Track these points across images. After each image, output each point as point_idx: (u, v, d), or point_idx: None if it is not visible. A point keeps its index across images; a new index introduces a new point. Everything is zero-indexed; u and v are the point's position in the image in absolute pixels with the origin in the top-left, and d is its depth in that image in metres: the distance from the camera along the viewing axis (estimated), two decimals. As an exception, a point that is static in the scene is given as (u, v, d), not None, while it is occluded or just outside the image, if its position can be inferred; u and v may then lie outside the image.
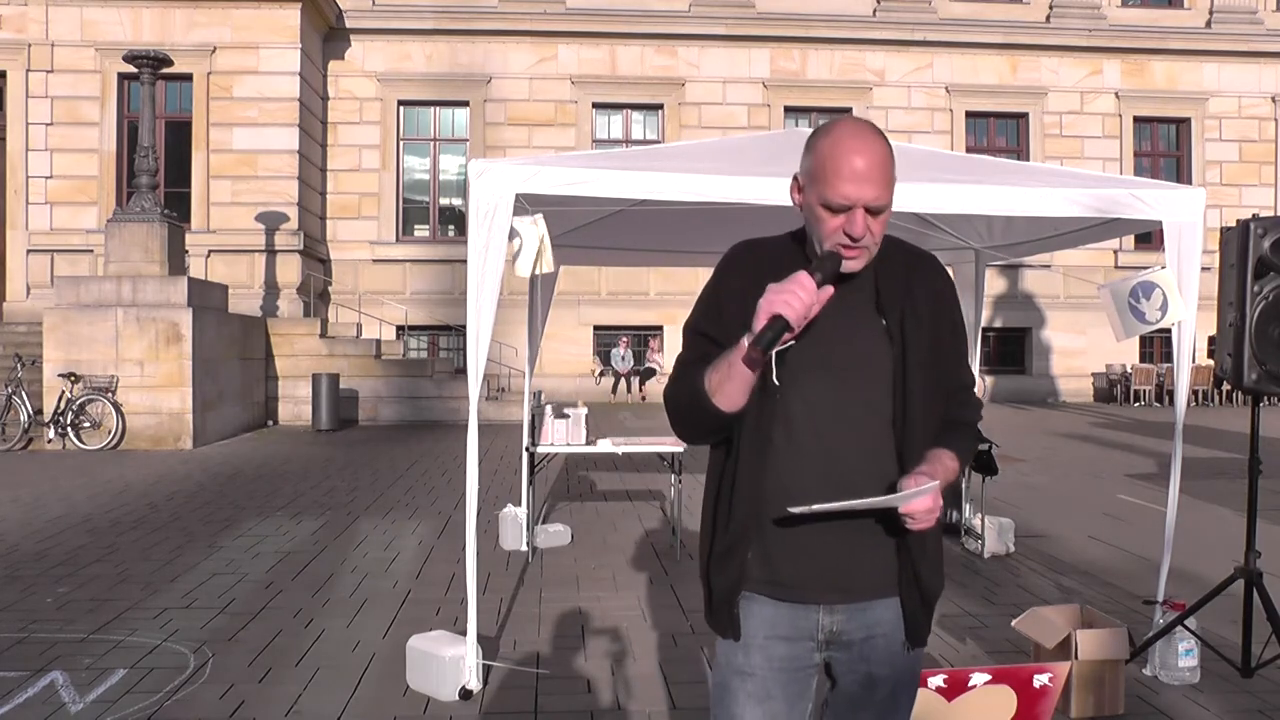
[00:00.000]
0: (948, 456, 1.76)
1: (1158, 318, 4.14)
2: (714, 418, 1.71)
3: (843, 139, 1.66)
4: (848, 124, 1.69)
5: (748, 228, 5.44)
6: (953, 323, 1.83)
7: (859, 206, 1.64)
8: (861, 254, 1.69)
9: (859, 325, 1.74)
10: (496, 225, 3.86)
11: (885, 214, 1.69)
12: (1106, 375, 20.14)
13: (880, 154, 1.65)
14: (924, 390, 1.74)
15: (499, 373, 17.47)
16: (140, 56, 12.82)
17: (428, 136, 19.54)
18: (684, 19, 19.41)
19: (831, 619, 1.77)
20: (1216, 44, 20.36)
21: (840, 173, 1.63)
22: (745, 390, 1.67)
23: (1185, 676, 3.91)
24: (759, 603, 1.78)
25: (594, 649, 4.37)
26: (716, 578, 1.80)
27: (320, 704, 3.72)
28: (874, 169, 1.64)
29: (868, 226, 1.66)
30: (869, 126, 1.69)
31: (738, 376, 1.64)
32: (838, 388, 1.72)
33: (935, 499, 1.66)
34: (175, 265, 12.98)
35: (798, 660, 1.78)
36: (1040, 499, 8.42)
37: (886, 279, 1.77)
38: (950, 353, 1.82)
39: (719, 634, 1.83)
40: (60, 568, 5.87)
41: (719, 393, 1.67)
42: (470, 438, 4.05)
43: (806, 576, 1.74)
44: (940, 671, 3.23)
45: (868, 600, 1.77)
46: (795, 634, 1.77)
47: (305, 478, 9.63)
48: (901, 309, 1.75)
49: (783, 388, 1.70)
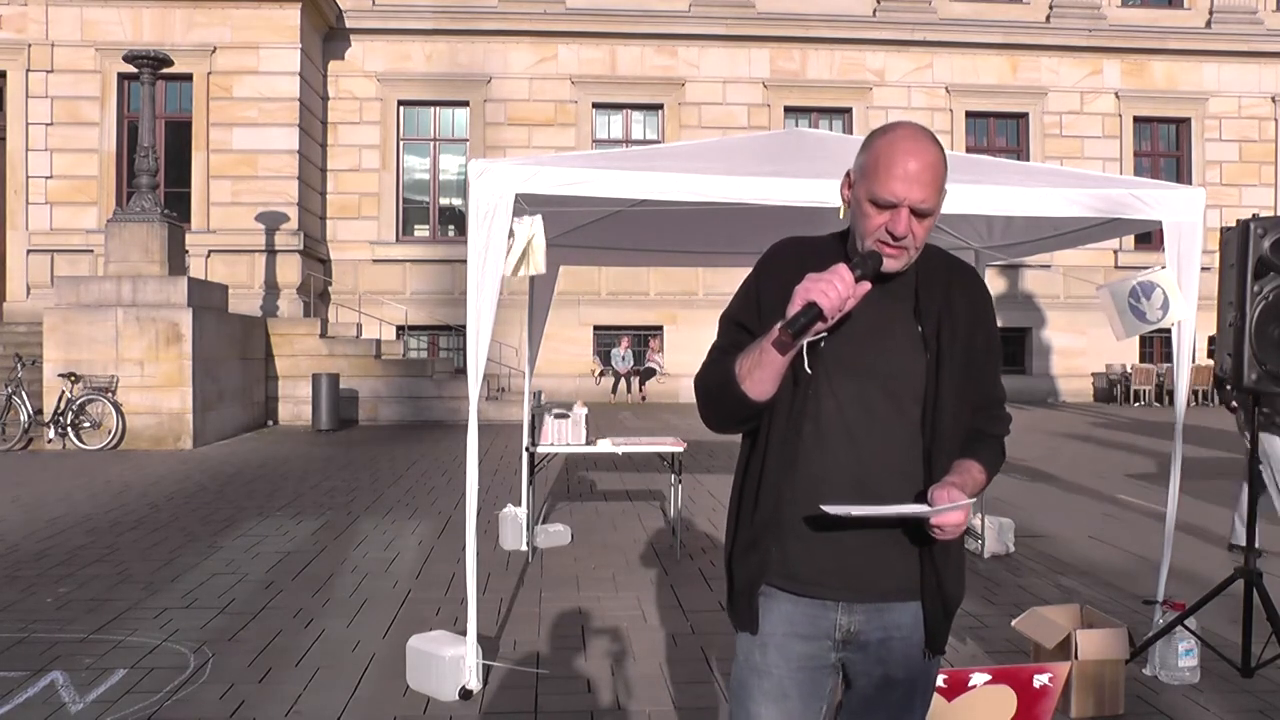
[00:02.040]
0: (976, 469, 1.78)
1: (1158, 317, 4.14)
2: (742, 405, 1.72)
3: (899, 140, 1.70)
4: (907, 127, 1.74)
5: (747, 228, 5.44)
6: (988, 336, 1.84)
7: (905, 205, 1.68)
8: (902, 254, 1.72)
9: (896, 330, 1.76)
10: (496, 225, 3.86)
11: (930, 219, 1.71)
12: (1106, 375, 20.14)
13: (933, 159, 1.69)
14: (954, 399, 1.76)
15: (499, 373, 17.47)
16: (140, 56, 12.82)
17: (428, 136, 19.54)
18: (684, 19, 19.41)
19: (849, 618, 1.77)
20: (1216, 44, 20.37)
21: (892, 171, 1.67)
22: (775, 378, 1.69)
23: (1185, 676, 3.91)
24: (778, 599, 1.79)
25: (594, 649, 4.37)
26: (739, 568, 1.81)
27: (320, 704, 3.71)
28: (925, 171, 1.68)
29: (910, 227, 1.69)
30: (927, 133, 1.73)
31: (768, 363, 1.66)
32: (870, 389, 1.74)
33: (967, 514, 1.68)
34: (175, 265, 12.98)
35: (814, 659, 1.79)
36: (1040, 499, 8.42)
37: (926, 287, 1.79)
38: (983, 365, 1.83)
39: (738, 627, 1.84)
40: (60, 568, 5.87)
41: (749, 379, 1.69)
42: (470, 438, 4.05)
43: (826, 573, 1.76)
44: (940, 671, 3.22)
45: (887, 602, 1.78)
46: (813, 632, 1.78)
47: (305, 478, 9.63)
48: (939, 318, 1.77)
49: (815, 385, 1.72)
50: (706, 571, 5.80)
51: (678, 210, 4.88)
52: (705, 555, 6.25)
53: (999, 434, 1.89)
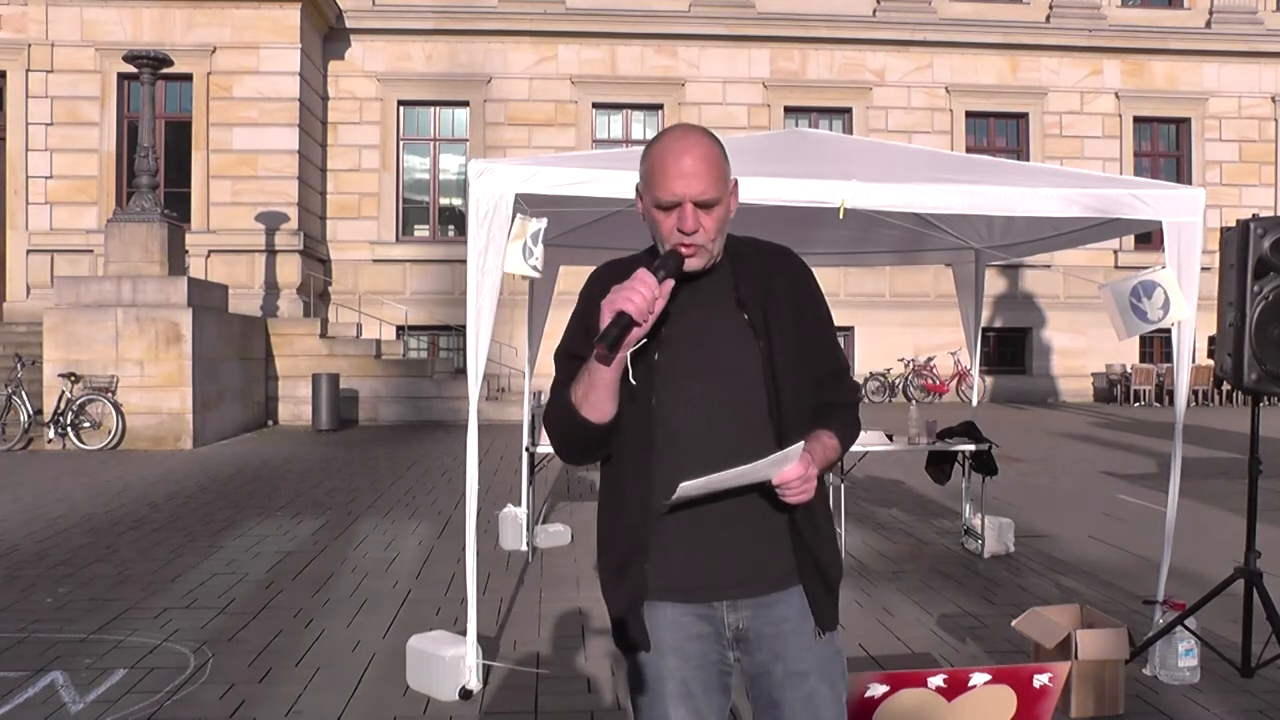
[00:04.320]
0: (826, 435, 1.81)
1: (1160, 316, 4.14)
2: (586, 432, 1.74)
3: (669, 142, 1.74)
4: (677, 129, 1.77)
5: (747, 228, 5.44)
6: (816, 309, 1.88)
7: (687, 201, 1.70)
8: (699, 251, 1.74)
9: (724, 325, 1.78)
10: (496, 225, 3.86)
11: (718, 209, 1.74)
12: (1106, 375, 20.13)
13: (705, 151, 1.72)
14: (795, 379, 1.78)
15: (499, 373, 17.46)
16: (140, 56, 12.82)
17: (428, 136, 19.54)
18: (684, 19, 19.40)
19: (737, 615, 1.79)
20: (1216, 44, 20.37)
21: (667, 172, 1.71)
22: (609, 397, 1.70)
23: (1185, 676, 3.91)
24: (663, 609, 1.79)
25: (594, 649, 4.37)
26: (617, 592, 1.81)
27: (320, 704, 3.72)
28: (698, 164, 1.70)
29: (699, 221, 1.71)
30: (696, 129, 1.76)
31: (598, 382, 1.68)
32: (711, 386, 1.76)
33: (806, 466, 1.68)
34: (175, 265, 12.99)
35: (711, 658, 1.80)
36: (1040, 499, 8.42)
37: (744, 277, 1.81)
38: (818, 339, 1.86)
39: (628, 651, 1.82)
40: (60, 568, 5.87)
41: (585, 403, 1.71)
42: (470, 438, 4.05)
43: (705, 575, 1.77)
44: (940, 671, 3.22)
45: (771, 593, 1.79)
46: (705, 632, 1.79)
47: (305, 478, 9.63)
48: (763, 303, 1.79)
49: (657, 393, 1.74)
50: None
51: (678, 210, 4.86)
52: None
53: (845, 401, 1.91)
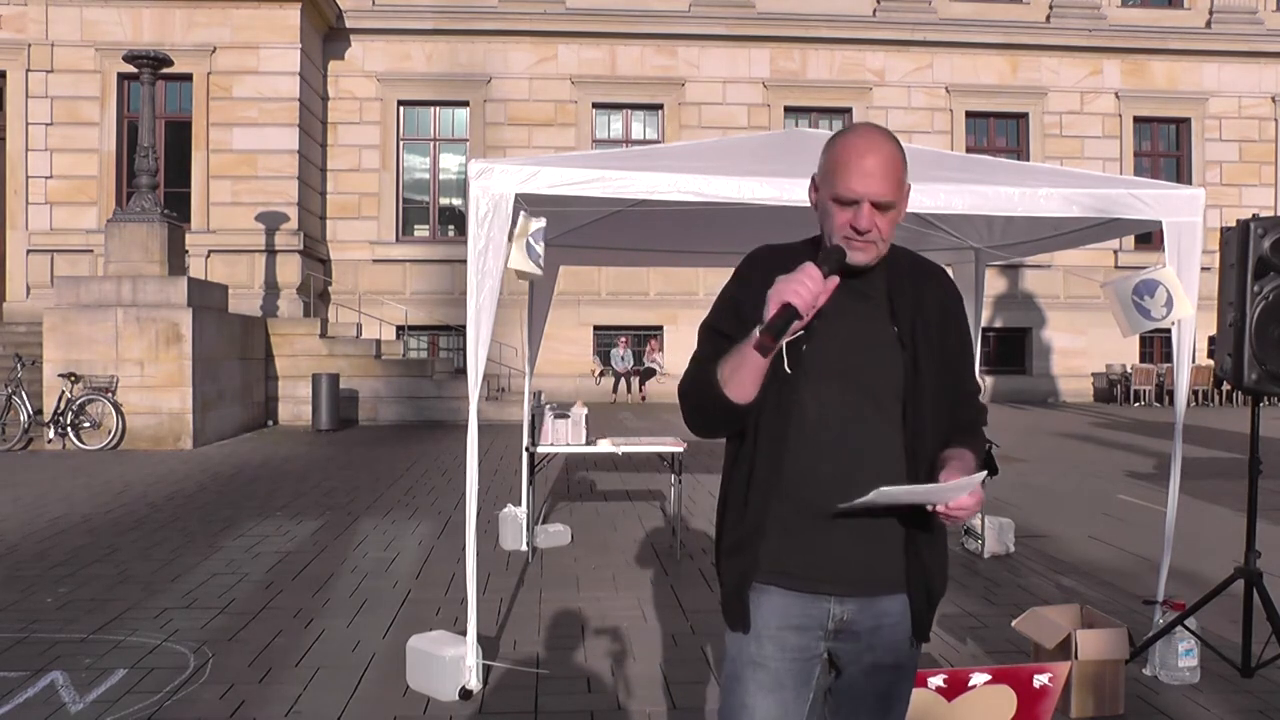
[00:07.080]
0: (970, 457, 1.84)
1: (1163, 314, 4.14)
2: (725, 409, 1.77)
3: (856, 140, 1.78)
4: (863, 127, 1.81)
5: (747, 228, 5.44)
6: (960, 332, 1.92)
7: (866, 201, 1.74)
8: (868, 247, 1.78)
9: (874, 332, 1.83)
10: (496, 225, 3.86)
11: (893, 212, 1.78)
12: (1106, 375, 20.13)
13: (889, 154, 1.76)
14: (933, 394, 1.82)
15: (499, 373, 17.47)
16: (140, 56, 12.81)
17: (428, 136, 19.54)
18: (684, 19, 19.40)
19: (843, 609, 1.83)
20: (1216, 44, 20.36)
21: (850, 168, 1.74)
22: (756, 380, 1.73)
23: (1185, 676, 3.91)
24: (770, 593, 1.83)
25: (594, 649, 4.37)
26: (729, 568, 1.86)
27: (320, 704, 3.72)
28: (882, 167, 1.74)
29: (874, 221, 1.75)
30: (883, 131, 1.80)
31: (749, 366, 1.71)
32: (851, 389, 1.80)
33: (979, 498, 1.73)
34: (175, 265, 12.98)
35: (807, 650, 1.85)
36: (1040, 499, 8.42)
37: (898, 289, 1.85)
38: (958, 360, 1.91)
39: (731, 626, 1.88)
40: (60, 568, 5.87)
41: (730, 383, 1.74)
42: (470, 438, 4.05)
43: (818, 568, 1.81)
44: (940, 671, 3.22)
45: (878, 595, 1.83)
46: (807, 623, 1.83)
47: (305, 478, 9.63)
48: (912, 318, 1.83)
49: (797, 386, 1.78)
50: (706, 571, 5.80)
51: (678, 210, 4.87)
52: (705, 555, 6.24)
53: (978, 422, 1.97)
